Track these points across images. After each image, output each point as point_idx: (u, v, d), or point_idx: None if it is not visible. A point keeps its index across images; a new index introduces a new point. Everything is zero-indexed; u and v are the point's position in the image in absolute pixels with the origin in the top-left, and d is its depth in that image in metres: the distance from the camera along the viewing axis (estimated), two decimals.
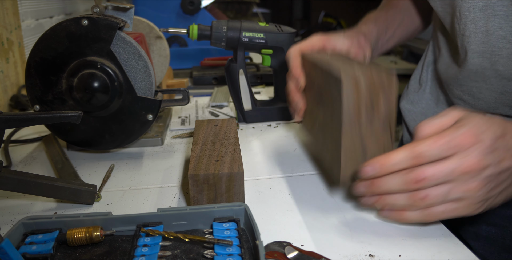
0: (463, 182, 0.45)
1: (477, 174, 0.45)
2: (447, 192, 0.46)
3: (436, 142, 0.45)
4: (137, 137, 0.71)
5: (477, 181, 0.45)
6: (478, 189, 0.45)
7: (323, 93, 0.56)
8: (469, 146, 0.45)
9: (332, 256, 0.46)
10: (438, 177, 0.45)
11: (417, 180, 0.45)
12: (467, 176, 0.45)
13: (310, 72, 0.63)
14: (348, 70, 0.50)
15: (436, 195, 0.46)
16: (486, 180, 0.45)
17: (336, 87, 0.50)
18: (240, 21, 0.84)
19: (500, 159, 0.46)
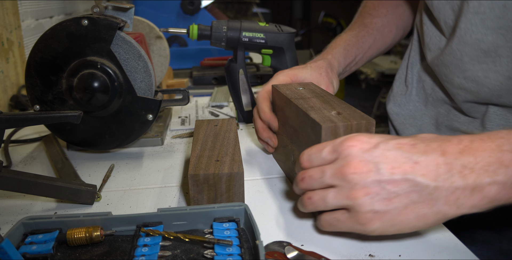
0: (343, 187, 0.41)
1: (357, 178, 0.40)
2: (329, 196, 0.42)
3: (321, 145, 0.45)
4: (137, 137, 0.71)
5: (360, 187, 0.40)
6: (360, 195, 0.40)
7: (298, 131, 0.56)
8: (353, 146, 0.42)
9: (332, 256, 0.46)
10: (314, 177, 0.43)
11: (301, 178, 0.45)
12: (346, 180, 0.41)
13: (283, 107, 0.63)
14: (326, 117, 0.50)
15: (318, 197, 0.44)
16: (371, 187, 0.40)
17: (314, 131, 0.50)
18: (240, 21, 0.84)
19: (392, 167, 0.40)
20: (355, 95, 4.52)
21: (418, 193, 0.39)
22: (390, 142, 0.41)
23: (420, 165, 0.39)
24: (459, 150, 0.39)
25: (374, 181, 0.40)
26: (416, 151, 0.40)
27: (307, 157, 0.46)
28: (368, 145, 0.41)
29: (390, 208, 0.40)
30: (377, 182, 0.40)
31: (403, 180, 0.39)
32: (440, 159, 0.39)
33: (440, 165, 0.39)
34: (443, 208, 0.39)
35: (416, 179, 0.39)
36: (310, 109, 0.53)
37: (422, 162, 0.39)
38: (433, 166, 0.39)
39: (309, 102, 0.56)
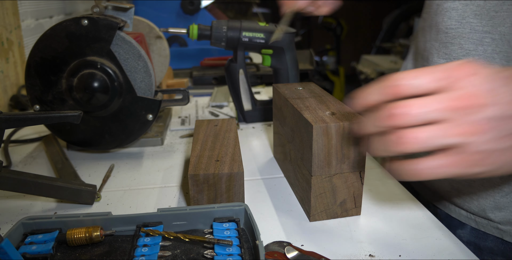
0: (457, 123, 0.35)
1: (476, 111, 0.35)
2: (436, 135, 0.35)
3: (419, 72, 0.37)
4: (137, 137, 0.71)
5: (474, 124, 0.35)
6: (479, 131, 0.35)
7: (294, 131, 0.57)
8: (465, 77, 0.36)
9: (332, 256, 0.46)
10: (418, 113, 0.35)
11: (387, 114, 0.36)
12: (460, 114, 0.35)
13: (281, 107, 0.63)
14: (318, 117, 0.50)
15: (424, 136, 0.36)
16: (484, 123, 0.35)
17: (306, 130, 0.51)
18: (240, 21, 0.84)
19: (508, 101, 0.35)
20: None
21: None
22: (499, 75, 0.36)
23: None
24: None
25: (487, 118, 0.35)
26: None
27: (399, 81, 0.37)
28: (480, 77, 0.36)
29: (501, 147, 0.36)
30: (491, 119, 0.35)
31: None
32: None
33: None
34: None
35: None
36: (305, 109, 0.53)
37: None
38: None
39: (306, 102, 0.56)
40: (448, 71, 0.36)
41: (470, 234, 0.66)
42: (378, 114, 0.37)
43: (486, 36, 0.57)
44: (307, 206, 0.54)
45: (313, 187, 0.51)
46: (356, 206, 0.54)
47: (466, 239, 0.66)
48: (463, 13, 0.59)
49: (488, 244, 0.64)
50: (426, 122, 0.36)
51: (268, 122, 0.92)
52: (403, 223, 0.52)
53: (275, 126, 0.69)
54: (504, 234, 0.62)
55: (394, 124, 0.36)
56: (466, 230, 0.67)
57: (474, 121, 0.35)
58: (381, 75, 2.75)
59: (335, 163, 0.50)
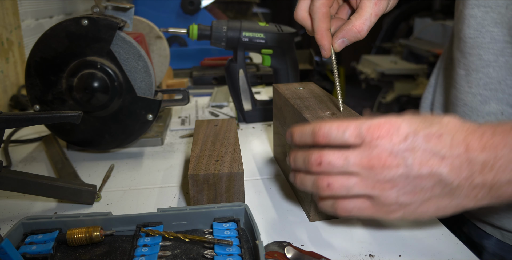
0: (369, 178, 0.40)
1: (385, 171, 0.39)
2: (351, 185, 0.41)
3: (344, 124, 0.41)
4: (137, 137, 0.71)
5: (387, 181, 0.40)
6: (387, 188, 0.40)
7: None
8: (382, 137, 0.39)
9: (332, 256, 0.46)
10: (337, 165, 0.40)
11: (316, 162, 0.41)
12: (373, 172, 0.40)
13: (281, 107, 0.63)
14: (318, 117, 0.50)
15: (339, 185, 0.41)
16: (398, 180, 0.39)
17: None
18: (240, 21, 0.84)
19: (420, 162, 0.39)
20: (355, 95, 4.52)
21: (441, 188, 0.40)
22: (419, 135, 0.39)
23: (446, 161, 0.39)
24: (481, 145, 0.39)
25: (402, 175, 0.39)
26: (442, 145, 0.39)
27: (325, 132, 0.42)
28: (397, 138, 0.39)
29: (414, 201, 0.40)
30: (405, 176, 0.39)
31: (430, 175, 0.39)
32: (464, 156, 0.39)
33: (464, 162, 0.39)
34: (463, 201, 0.40)
35: (442, 175, 0.39)
36: (305, 109, 0.53)
37: (448, 158, 0.39)
38: (458, 163, 0.39)
39: (306, 102, 0.56)
40: (370, 129, 0.40)
41: (495, 245, 0.63)
42: (307, 157, 0.42)
43: (508, 47, 0.53)
44: (307, 206, 0.54)
45: None
46: None
47: (492, 250, 0.63)
48: (482, 21, 0.54)
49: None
50: (345, 173, 0.41)
51: (268, 122, 0.92)
52: (403, 223, 0.52)
53: (275, 127, 0.69)
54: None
55: (317, 170, 0.42)
56: (491, 241, 0.64)
57: (382, 180, 0.40)
58: (381, 75, 2.75)
59: None
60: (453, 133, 0.40)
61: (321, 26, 0.51)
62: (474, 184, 0.39)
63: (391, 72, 2.74)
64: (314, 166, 0.42)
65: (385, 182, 0.40)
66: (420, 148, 0.39)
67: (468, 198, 0.40)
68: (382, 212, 0.42)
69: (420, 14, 3.46)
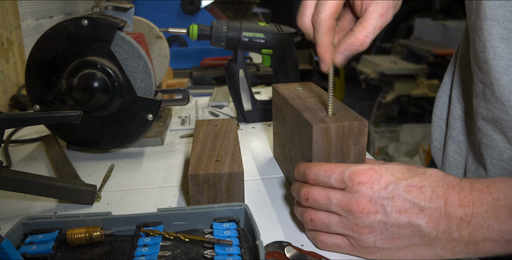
0: (348, 220, 0.42)
1: (364, 217, 0.41)
2: (333, 223, 0.44)
3: (330, 169, 0.44)
4: (137, 137, 0.71)
5: (365, 225, 0.42)
6: (365, 232, 0.42)
7: (294, 131, 0.57)
8: (364, 183, 0.41)
9: (332, 256, 0.46)
10: (321, 203, 0.44)
11: (304, 197, 0.45)
12: (352, 215, 0.42)
13: (281, 107, 0.63)
14: (318, 117, 0.50)
15: (320, 222, 0.45)
16: (376, 226, 0.41)
17: (306, 132, 0.50)
18: (240, 21, 0.84)
19: (399, 211, 0.40)
20: (355, 95, 4.52)
21: (419, 238, 0.41)
22: (400, 184, 0.41)
23: (425, 213, 0.40)
24: (459, 201, 0.40)
25: (380, 222, 0.41)
26: (422, 196, 0.41)
27: (314, 175, 0.45)
28: (378, 185, 0.41)
29: (391, 247, 0.42)
30: (383, 223, 0.41)
31: (408, 224, 0.40)
32: (443, 209, 0.40)
33: (442, 216, 0.40)
34: (440, 252, 0.41)
35: (420, 226, 0.40)
36: (304, 109, 0.53)
37: (427, 210, 0.40)
38: (436, 216, 0.40)
39: (305, 102, 0.56)
40: (352, 175, 0.42)
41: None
42: (299, 192, 0.46)
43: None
44: None
45: None
46: None
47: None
48: (488, 36, 0.50)
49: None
50: (328, 210, 0.44)
51: (268, 122, 0.92)
52: None
53: (275, 127, 0.69)
54: None
55: (305, 204, 0.46)
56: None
57: (360, 224, 0.42)
58: (381, 75, 2.75)
59: (335, 162, 0.50)
60: (434, 185, 0.41)
61: (325, 40, 0.49)
62: (451, 238, 0.40)
63: (391, 72, 2.74)
64: (303, 200, 0.46)
65: (363, 227, 0.42)
66: (400, 197, 0.41)
67: (445, 250, 0.41)
68: (361, 252, 0.44)
69: (420, 14, 3.46)
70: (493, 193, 0.40)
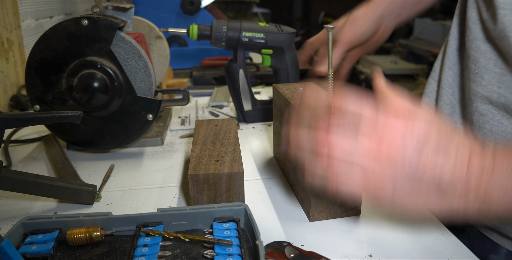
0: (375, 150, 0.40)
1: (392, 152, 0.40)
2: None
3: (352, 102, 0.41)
4: (137, 137, 0.71)
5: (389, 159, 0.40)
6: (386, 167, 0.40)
7: None
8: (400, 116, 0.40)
9: (332, 256, 0.46)
10: (345, 149, 0.41)
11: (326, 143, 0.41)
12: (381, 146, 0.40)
13: (281, 107, 0.63)
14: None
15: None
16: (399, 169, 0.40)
17: None
18: (240, 21, 0.84)
19: (426, 164, 0.40)
20: None
21: (436, 193, 0.40)
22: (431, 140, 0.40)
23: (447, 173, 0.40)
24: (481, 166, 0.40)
25: (404, 167, 0.40)
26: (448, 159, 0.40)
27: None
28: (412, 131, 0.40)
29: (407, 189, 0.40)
30: (408, 171, 0.40)
31: (432, 178, 0.40)
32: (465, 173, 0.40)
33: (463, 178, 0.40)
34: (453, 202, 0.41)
35: (442, 181, 0.40)
36: (304, 113, 0.53)
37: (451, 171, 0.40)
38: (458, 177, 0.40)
39: (305, 111, 0.56)
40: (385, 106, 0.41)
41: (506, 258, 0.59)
42: (317, 138, 0.42)
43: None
44: (307, 206, 0.54)
45: (313, 187, 0.51)
46: (356, 206, 0.54)
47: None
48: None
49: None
50: (350, 162, 0.41)
51: (268, 122, 0.92)
52: (403, 223, 0.52)
53: (275, 126, 0.69)
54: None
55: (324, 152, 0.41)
56: (500, 255, 0.60)
57: (386, 156, 0.39)
58: None
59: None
60: (459, 150, 0.40)
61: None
62: (466, 197, 0.40)
63: (391, 72, 2.74)
64: (320, 145, 0.41)
65: (388, 161, 0.39)
66: (429, 153, 0.39)
67: (458, 202, 0.40)
68: (372, 187, 0.41)
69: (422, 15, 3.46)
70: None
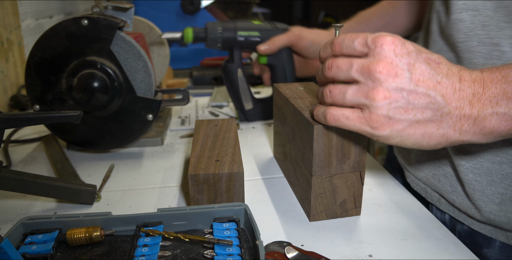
0: (366, 85, 0.41)
1: (384, 80, 0.40)
2: (349, 91, 0.42)
3: (355, 34, 0.43)
4: (137, 137, 0.71)
5: (382, 89, 0.40)
6: (380, 97, 0.40)
7: (295, 131, 0.57)
8: (387, 45, 0.41)
9: (332, 256, 0.46)
10: (342, 68, 0.43)
11: (329, 66, 0.44)
12: (371, 78, 0.41)
13: (282, 106, 0.63)
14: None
15: (338, 91, 0.44)
16: (393, 92, 0.40)
17: (307, 130, 0.50)
18: (234, 21, 0.84)
19: (418, 79, 0.40)
20: None
21: (432, 111, 0.41)
22: (421, 55, 0.41)
23: (442, 86, 0.41)
24: (472, 78, 0.42)
25: (397, 87, 0.40)
26: (440, 70, 0.41)
27: (340, 41, 0.44)
28: (401, 49, 0.41)
29: (403, 118, 0.41)
30: (400, 89, 0.40)
31: (425, 94, 0.40)
32: (457, 85, 0.41)
33: (456, 91, 0.41)
34: (449, 131, 0.42)
35: (436, 97, 0.41)
36: (305, 109, 0.53)
37: (444, 83, 0.41)
38: (451, 90, 0.41)
39: (306, 102, 0.56)
40: (376, 38, 0.41)
41: (499, 252, 0.57)
42: (324, 65, 0.45)
43: (495, 50, 0.52)
44: (307, 206, 0.54)
45: (313, 187, 0.51)
46: (356, 206, 0.54)
47: (494, 258, 0.57)
48: (470, 25, 0.54)
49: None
50: (348, 79, 0.43)
51: (268, 122, 0.92)
52: (403, 223, 0.52)
53: (275, 126, 0.69)
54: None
55: (328, 76, 0.45)
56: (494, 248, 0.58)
57: (377, 87, 0.40)
58: None
59: (336, 163, 0.50)
60: (449, 64, 0.42)
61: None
62: (462, 114, 0.41)
63: None
64: (327, 70, 0.44)
65: (380, 91, 0.40)
66: (421, 66, 0.41)
67: (453, 128, 0.42)
68: (369, 125, 0.42)
69: None
70: (503, 71, 0.41)
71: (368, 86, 0.41)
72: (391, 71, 0.40)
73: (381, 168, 0.69)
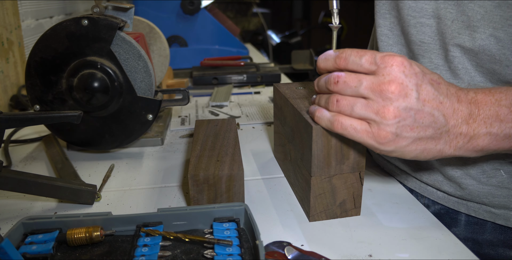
0: (376, 102, 0.42)
1: (395, 100, 0.42)
2: (358, 105, 0.43)
3: (362, 51, 0.44)
4: (137, 137, 0.71)
5: (393, 108, 0.42)
6: (391, 116, 0.42)
7: (294, 131, 0.57)
8: (397, 66, 0.42)
9: (332, 256, 0.46)
10: (350, 84, 0.43)
11: (334, 81, 0.45)
12: (381, 97, 0.42)
13: (282, 106, 0.63)
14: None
15: (346, 102, 0.44)
16: (402, 111, 0.42)
17: (306, 131, 0.50)
18: None
19: (424, 99, 0.42)
20: None
21: (434, 130, 0.43)
22: (426, 76, 0.43)
23: (444, 105, 0.43)
24: (468, 99, 0.45)
25: (407, 107, 0.42)
26: (441, 91, 0.44)
27: (346, 55, 0.45)
28: (409, 70, 0.42)
29: (408, 135, 0.43)
30: (409, 108, 0.42)
31: (429, 114, 0.43)
32: (456, 105, 0.44)
33: (456, 110, 0.44)
34: (445, 147, 0.45)
35: (439, 116, 0.43)
36: (305, 109, 0.53)
37: (445, 103, 0.43)
38: (451, 110, 0.44)
39: (306, 103, 0.56)
40: (384, 57, 0.42)
41: (465, 229, 0.63)
42: (328, 79, 0.46)
43: (455, 50, 0.55)
44: (306, 206, 0.54)
45: (312, 187, 0.51)
46: (356, 206, 0.54)
47: (463, 236, 0.63)
48: (436, 30, 0.56)
49: (487, 237, 0.62)
50: (356, 95, 0.44)
51: (268, 122, 0.92)
52: (403, 223, 0.52)
53: (275, 126, 0.69)
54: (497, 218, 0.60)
55: (334, 89, 0.45)
56: (460, 227, 0.63)
57: (387, 106, 0.42)
58: None
59: (335, 163, 0.50)
60: (447, 84, 0.45)
61: None
62: (459, 132, 0.44)
63: None
64: (332, 85, 0.45)
65: (391, 110, 0.42)
66: (426, 88, 0.43)
67: (449, 145, 0.45)
68: (376, 140, 0.43)
69: None
70: (495, 95, 0.45)
71: (378, 104, 0.42)
72: (402, 91, 0.42)
73: (382, 168, 0.69)
